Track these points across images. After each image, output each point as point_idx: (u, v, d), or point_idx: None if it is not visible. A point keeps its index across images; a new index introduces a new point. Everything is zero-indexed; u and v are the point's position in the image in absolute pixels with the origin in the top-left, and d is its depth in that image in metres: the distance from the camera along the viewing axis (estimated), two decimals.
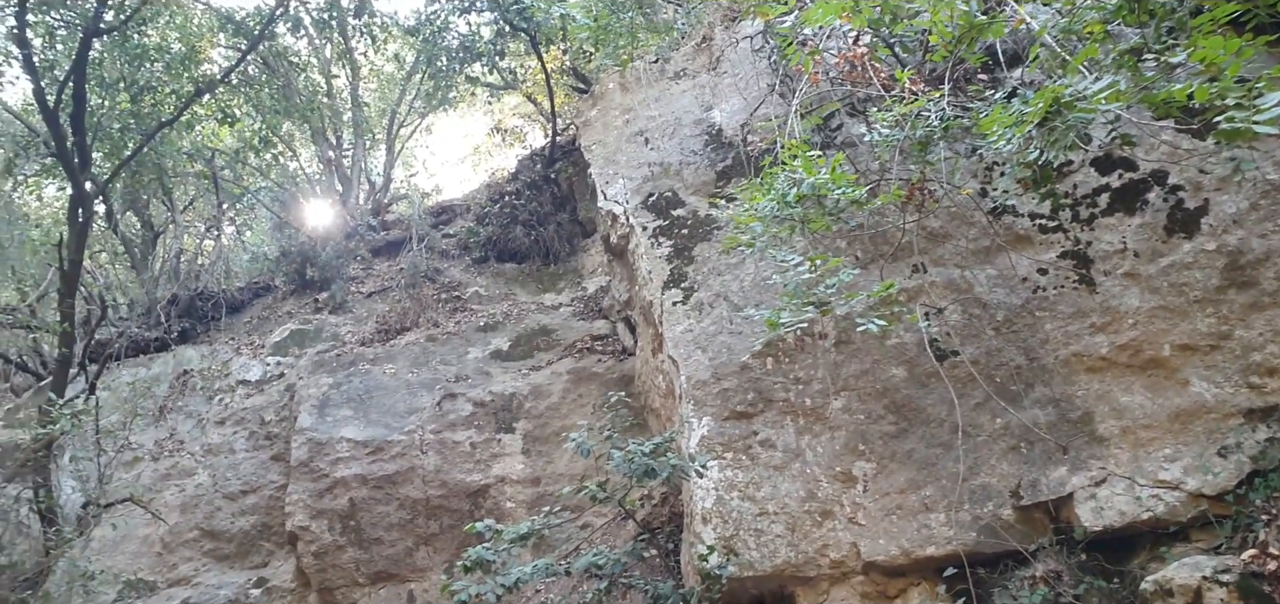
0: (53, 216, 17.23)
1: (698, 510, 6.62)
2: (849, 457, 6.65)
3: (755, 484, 6.67)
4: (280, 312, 14.14)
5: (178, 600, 9.74)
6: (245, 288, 14.86)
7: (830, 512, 6.50)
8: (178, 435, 11.31)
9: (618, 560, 6.11)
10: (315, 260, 14.53)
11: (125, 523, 10.01)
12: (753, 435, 6.88)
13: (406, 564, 9.49)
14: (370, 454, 9.96)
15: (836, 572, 6.38)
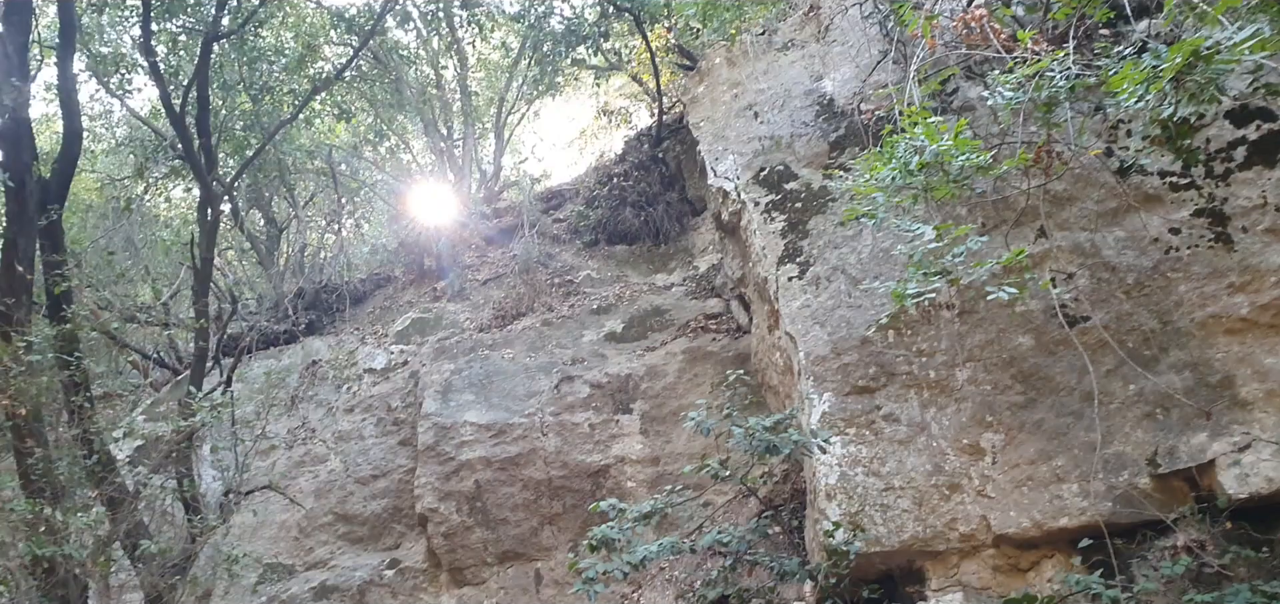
0: (182, 217, 18.19)
1: (821, 487, 6.67)
2: (976, 429, 6.60)
3: (880, 459, 6.69)
4: (401, 301, 14.65)
5: (315, 582, 10.26)
6: (366, 279, 15.45)
7: (958, 485, 6.47)
8: (309, 424, 11.87)
9: (742, 537, 6.21)
10: (432, 250, 15.00)
11: (264, 509, 10.59)
12: (876, 410, 6.89)
13: (532, 544, 9.79)
14: (493, 437, 10.27)
15: (966, 545, 6.36)
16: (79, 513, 8.28)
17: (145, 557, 8.43)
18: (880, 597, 6.25)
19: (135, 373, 14.78)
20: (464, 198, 17.29)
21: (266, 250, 16.66)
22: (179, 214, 18.13)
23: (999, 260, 5.50)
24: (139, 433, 10.75)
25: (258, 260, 16.92)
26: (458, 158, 18.34)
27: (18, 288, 8.92)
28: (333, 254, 16.58)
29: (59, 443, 9.01)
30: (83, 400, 9.16)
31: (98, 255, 14.06)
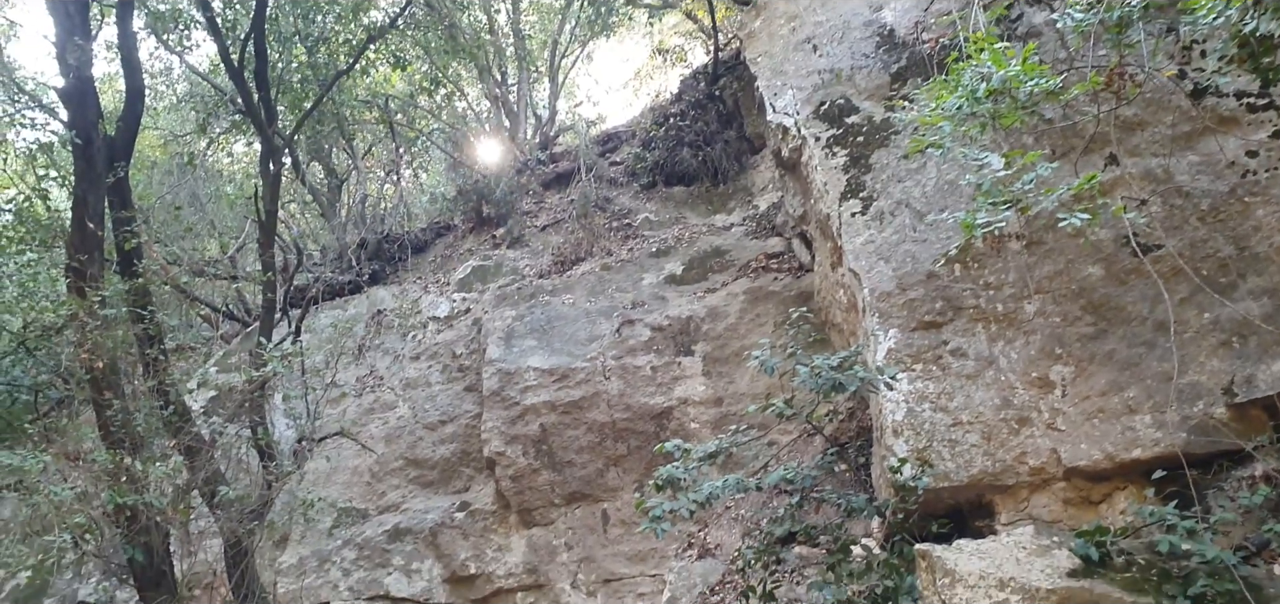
0: (244, 171, 18.54)
1: (888, 423, 6.68)
2: (1045, 361, 6.54)
3: (947, 394, 6.66)
4: (461, 249, 14.84)
5: (389, 525, 10.55)
6: (427, 228, 15.66)
7: (1027, 419, 6.44)
8: (377, 372, 12.14)
9: (809, 474, 6.25)
10: (490, 197, 15.13)
11: (337, 455, 10.89)
12: (942, 345, 6.85)
13: (598, 485, 9.95)
14: (556, 382, 10.41)
15: (1036, 479, 6.33)
16: (158, 462, 8.60)
17: (224, 503, 8.73)
18: (949, 531, 6.25)
19: (205, 326, 15.19)
20: (520, 144, 17.38)
21: (328, 202, 16.94)
22: (241, 168, 18.48)
23: (1069, 188, 5.41)
24: (212, 384, 11.09)
25: (320, 212, 17.22)
26: (512, 103, 18.41)
27: (90, 244, 9.17)
28: (392, 204, 16.80)
29: (135, 395, 9.32)
30: (157, 353, 9.43)
31: (165, 211, 14.41)
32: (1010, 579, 4.85)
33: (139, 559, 8.25)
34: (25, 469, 8.14)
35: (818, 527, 6.79)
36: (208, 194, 16.40)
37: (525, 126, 18.16)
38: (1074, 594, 4.65)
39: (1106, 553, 4.85)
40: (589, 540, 9.84)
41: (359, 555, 10.51)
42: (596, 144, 16.20)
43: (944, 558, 5.11)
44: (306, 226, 18.19)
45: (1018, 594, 4.80)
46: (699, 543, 9.02)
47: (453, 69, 18.40)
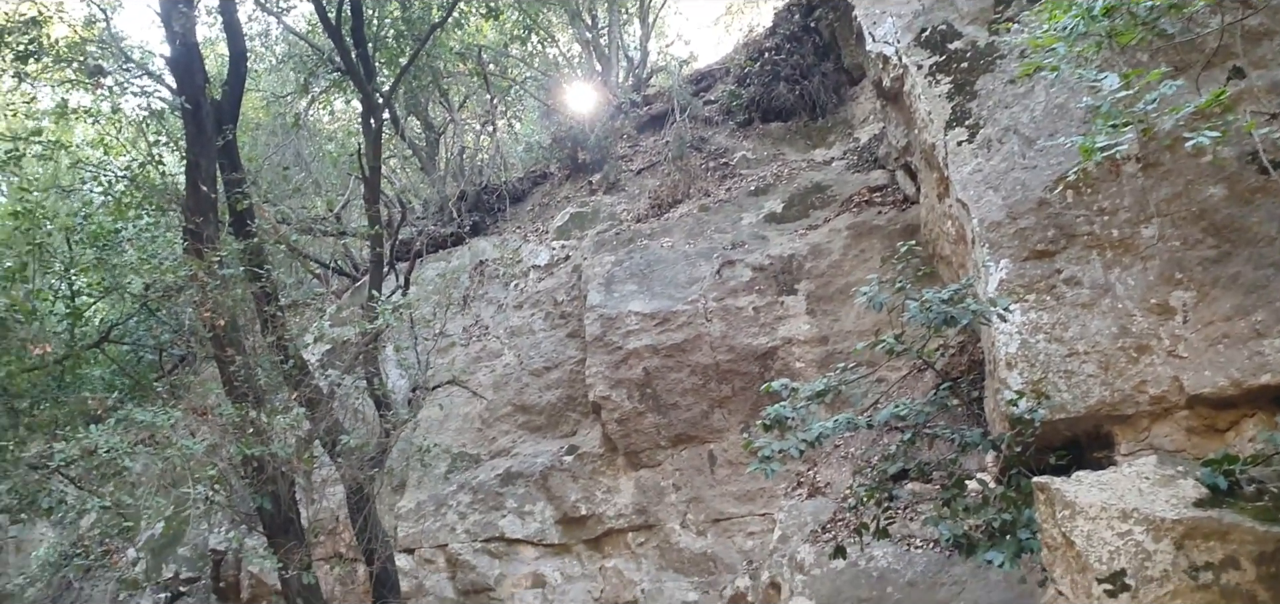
0: (344, 129, 19.02)
1: (1001, 356, 6.61)
2: (1164, 287, 6.38)
3: (1062, 324, 6.56)
4: (558, 197, 15.02)
5: (501, 469, 10.89)
6: (523, 177, 15.88)
7: (1146, 347, 6.31)
8: (482, 321, 12.46)
9: (922, 410, 6.23)
10: (585, 143, 15.24)
11: (448, 403, 11.26)
12: (1056, 274, 6.74)
13: (704, 426, 10.08)
14: (657, 325, 10.53)
15: (1157, 408, 6.22)
16: (280, 414, 9.01)
17: (344, 452, 9.12)
18: (1067, 463, 6.19)
19: (315, 282, 15.73)
20: (612, 88, 17.43)
21: (427, 156, 17.29)
22: (341, 126, 18.96)
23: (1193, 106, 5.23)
24: (327, 337, 11.51)
25: (420, 167, 17.59)
26: (603, 47, 18.43)
27: (204, 206, 9.58)
28: (489, 155, 17.06)
29: (256, 350, 9.76)
30: (274, 309, 9.85)
31: (272, 172, 14.91)
32: (1133, 510, 4.80)
33: (267, 507, 8.70)
34: (157, 425, 8.63)
35: (930, 463, 6.77)
36: (311, 153, 16.90)
37: (617, 70, 18.18)
38: (1201, 524, 4.58)
39: (1235, 482, 4.76)
40: (697, 481, 10.00)
41: (474, 499, 10.89)
42: (689, 84, 16.13)
43: (1063, 490, 5.08)
44: (407, 181, 18.61)
45: (1142, 525, 4.75)
46: (809, 482, 9.09)
47: (543, 16, 18.51)
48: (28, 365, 11.01)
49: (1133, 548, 4.73)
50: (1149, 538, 4.72)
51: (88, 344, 12.36)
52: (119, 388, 12.16)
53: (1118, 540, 4.77)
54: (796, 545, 8.30)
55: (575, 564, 10.51)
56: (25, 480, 9.55)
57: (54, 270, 14.18)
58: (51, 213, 14.04)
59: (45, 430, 10.93)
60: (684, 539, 9.88)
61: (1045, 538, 5.22)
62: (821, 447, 7.00)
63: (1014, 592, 6.91)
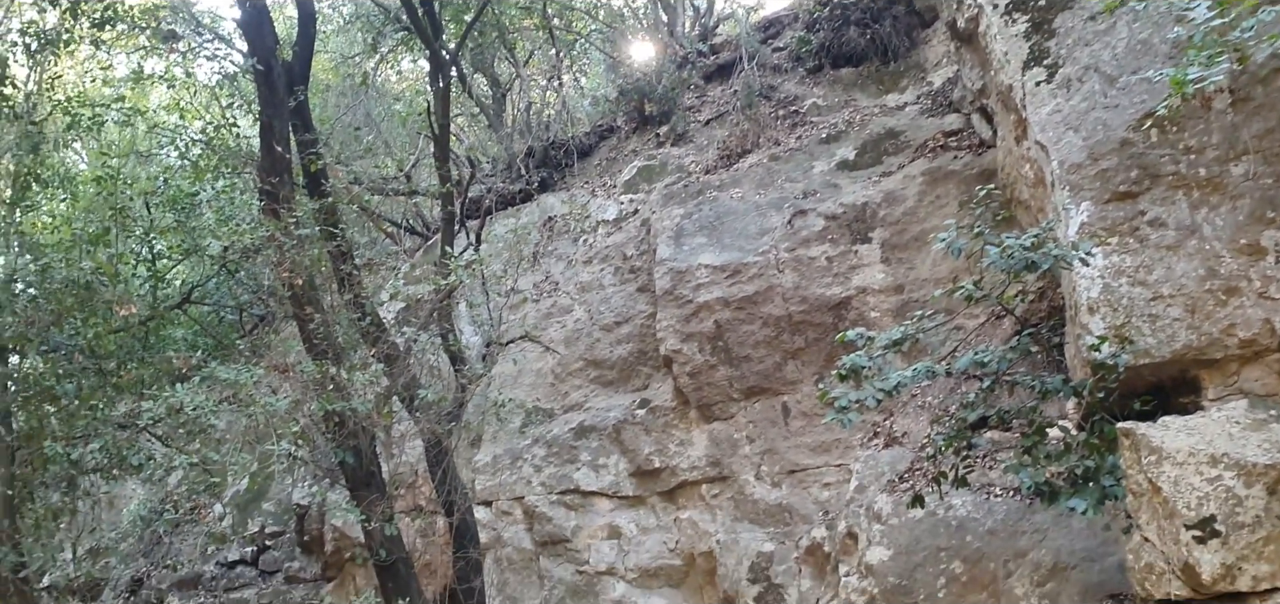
0: (411, 88, 19.26)
1: (1083, 301, 6.55)
2: (1255, 227, 6.26)
3: (1146, 267, 6.48)
4: (625, 150, 15.08)
5: (574, 423, 11.10)
6: (590, 132, 15.96)
7: (1236, 289, 6.20)
8: (552, 277, 12.62)
9: (1002, 357, 6.22)
10: (651, 95, 15.25)
11: (522, 358, 11.47)
12: (1139, 216, 6.64)
13: (777, 378, 10.13)
14: (728, 278, 10.58)
15: (1247, 351, 6.13)
16: (359, 371, 9.28)
17: (422, 407, 9.36)
18: (1152, 409, 6.14)
19: (387, 241, 16.04)
20: (678, 38, 17.37)
21: (494, 113, 17.44)
22: (409, 86, 19.20)
23: None
24: (401, 296, 11.78)
25: (487, 124, 17.76)
26: None
27: (279, 167, 9.82)
28: (556, 110, 17.16)
29: (334, 308, 10.03)
30: (350, 268, 10.09)
31: (343, 132, 15.19)
32: (1222, 454, 4.77)
33: (349, 461, 8.99)
34: (240, 383, 8.95)
35: (1010, 411, 6.75)
36: (380, 113, 17.16)
37: (683, 19, 18.09)
38: None
39: None
40: (771, 433, 10.07)
41: (548, 452, 11.12)
42: (757, 31, 16.01)
43: (1149, 435, 5.06)
44: (475, 139, 18.80)
45: (1232, 470, 4.72)
46: (885, 432, 9.12)
47: None
48: (114, 327, 11.46)
49: (1223, 493, 4.71)
50: (1240, 483, 4.69)
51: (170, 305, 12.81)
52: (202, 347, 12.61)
53: (1207, 486, 4.75)
54: (873, 495, 8.35)
55: (650, 516, 10.68)
56: (115, 439, 9.98)
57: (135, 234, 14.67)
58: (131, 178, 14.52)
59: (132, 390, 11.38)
60: (758, 491, 9.98)
61: (1130, 484, 5.21)
62: (898, 396, 7.02)
63: (1097, 539, 6.90)
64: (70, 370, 10.49)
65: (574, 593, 10.69)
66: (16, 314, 10.27)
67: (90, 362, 10.91)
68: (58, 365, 10.57)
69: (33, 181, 12.65)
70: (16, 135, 12.60)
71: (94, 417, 10.04)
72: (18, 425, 10.24)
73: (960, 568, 7.47)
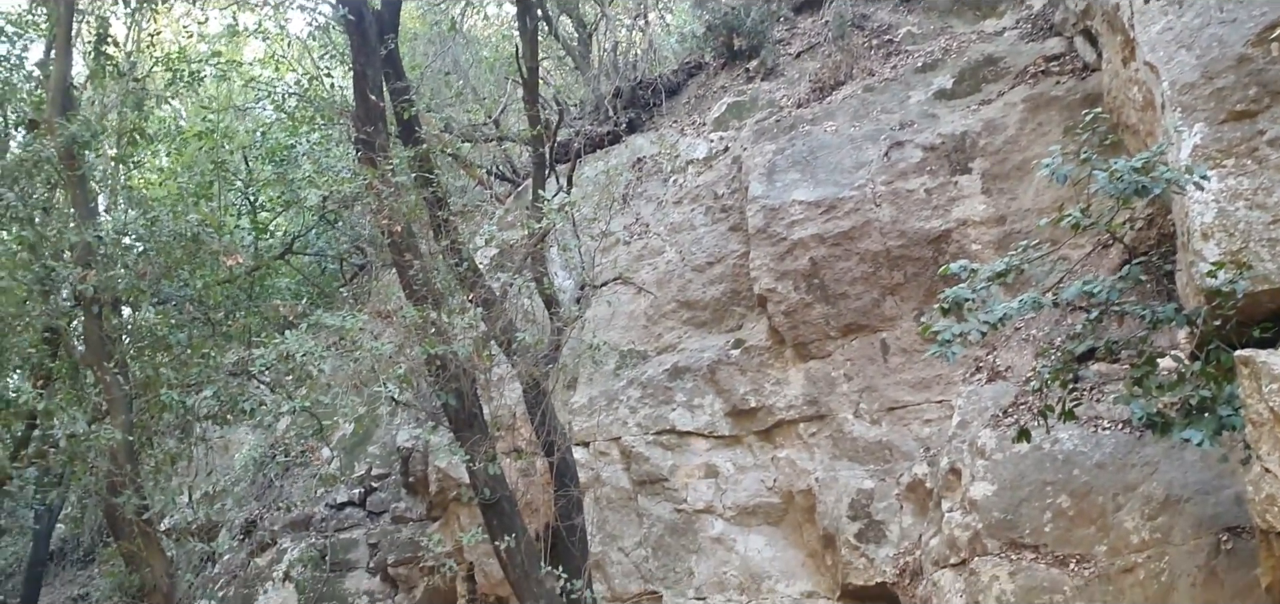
0: (497, 34, 19.48)
1: (1196, 226, 6.41)
2: None
3: (1264, 190, 6.31)
4: (714, 87, 15.02)
5: (668, 365, 11.25)
6: (678, 70, 15.93)
7: None
8: (642, 219, 12.72)
9: (1111, 286, 6.13)
10: (739, 29, 15.14)
11: (615, 301, 11.64)
12: (1257, 136, 6.45)
13: (874, 315, 10.11)
14: (823, 213, 10.55)
15: None
16: (458, 316, 9.54)
17: (520, 350, 9.59)
18: (1271, 336, 6.01)
19: (478, 188, 16.32)
20: None
21: (580, 55, 17.53)
22: (495, 31, 19.40)
23: None
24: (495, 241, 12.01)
25: (574, 66, 17.86)
26: None
27: (373, 116, 10.05)
28: (642, 49, 17.16)
29: (431, 254, 10.31)
30: (445, 215, 10.34)
31: (433, 79, 15.46)
32: None
33: (452, 404, 9.28)
34: (345, 329, 9.30)
35: (1118, 341, 6.68)
36: (467, 60, 17.39)
37: None
38: None
39: None
40: (869, 370, 10.07)
41: (643, 394, 11.30)
42: None
43: (1270, 363, 4.97)
44: (562, 82, 18.93)
45: None
46: (988, 367, 9.05)
47: None
48: (220, 278, 11.95)
49: None
50: None
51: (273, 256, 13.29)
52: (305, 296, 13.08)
53: None
54: (976, 431, 8.32)
55: (747, 455, 10.81)
56: (227, 386, 10.46)
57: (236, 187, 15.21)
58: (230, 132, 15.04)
59: (240, 339, 11.90)
60: (857, 428, 10.01)
61: (1249, 414, 5.14)
62: (1002, 330, 7.00)
63: (1212, 471, 6.80)
64: (181, 321, 10.99)
65: (672, 530, 10.91)
66: (128, 267, 10.76)
67: (199, 312, 11.42)
68: (169, 316, 11.08)
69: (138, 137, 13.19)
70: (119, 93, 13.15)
71: (206, 365, 10.53)
72: (134, 374, 10.76)
73: (1067, 502, 7.44)
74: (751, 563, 10.52)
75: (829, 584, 10.10)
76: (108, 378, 10.11)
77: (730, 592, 10.53)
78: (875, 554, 9.53)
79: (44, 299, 10.91)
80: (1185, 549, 6.79)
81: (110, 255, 10.57)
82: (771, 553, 10.52)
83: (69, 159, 10.77)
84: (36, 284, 10.70)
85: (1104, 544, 7.20)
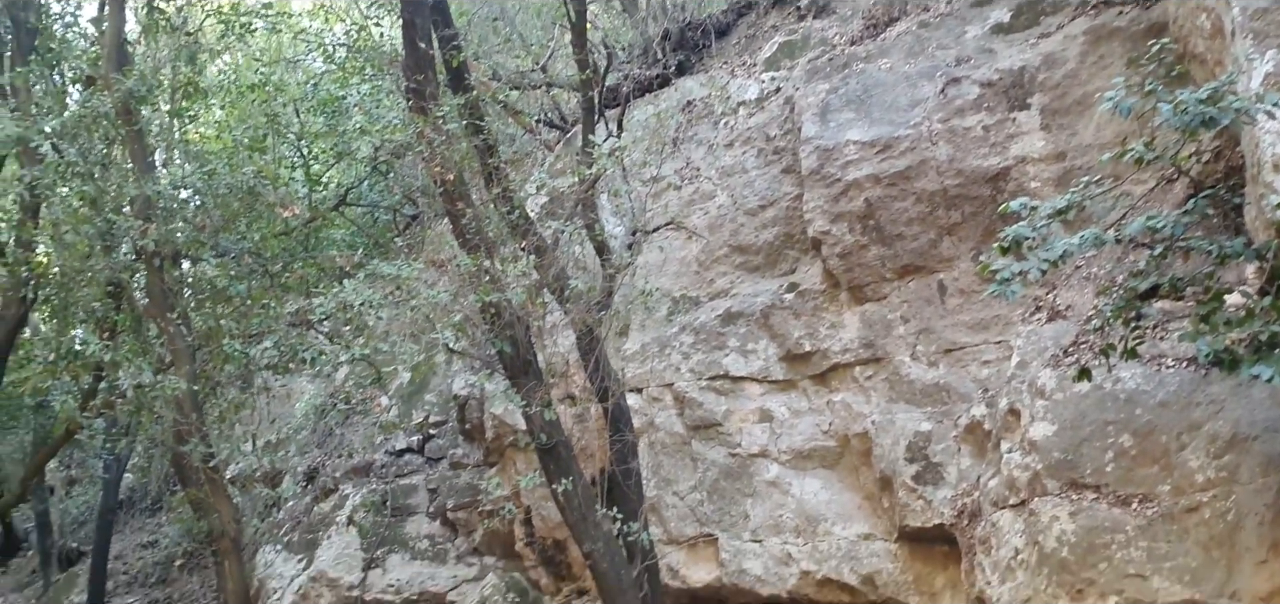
0: None
1: (1267, 158, 6.26)
2: None
3: None
4: (764, 26, 14.85)
5: (721, 310, 11.26)
6: (727, 10, 15.75)
7: None
8: (693, 163, 12.67)
9: (1177, 221, 6.02)
10: None
11: (667, 247, 11.64)
12: None
13: (931, 256, 10.02)
14: (878, 153, 10.43)
15: None
16: (510, 264, 9.62)
17: (573, 297, 9.66)
18: None
19: (527, 136, 16.35)
20: None
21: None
22: None
23: None
24: (546, 189, 12.06)
25: (621, 8, 17.73)
26: None
27: (423, 64, 10.07)
28: None
29: (483, 203, 10.37)
30: (496, 163, 10.38)
31: (480, 26, 15.46)
32: None
33: (507, 351, 9.39)
34: (402, 277, 9.43)
35: (1183, 278, 6.57)
36: (514, 6, 17.35)
37: None
38: None
39: None
40: (926, 312, 10.00)
41: (696, 339, 11.34)
42: None
43: None
44: (609, 25, 18.80)
45: None
46: (1047, 306, 8.95)
47: None
48: (277, 230, 12.16)
49: None
50: None
51: (327, 208, 13.47)
52: (360, 247, 13.26)
53: None
54: (1036, 371, 8.25)
55: (801, 399, 10.81)
56: (287, 336, 10.68)
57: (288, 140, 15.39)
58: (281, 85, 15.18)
59: (298, 290, 12.11)
60: (914, 371, 9.97)
61: None
62: (1061, 269, 6.93)
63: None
64: (241, 272, 11.22)
65: (727, 475, 10.99)
66: (187, 221, 10.98)
67: (257, 264, 11.64)
68: (228, 268, 11.31)
69: (192, 91, 13.38)
70: (172, 47, 13.33)
71: (266, 316, 10.75)
72: (196, 326, 11.02)
73: (1129, 441, 7.37)
74: (807, 506, 10.56)
75: (886, 526, 10.12)
76: (171, 329, 10.38)
77: (786, 534, 10.60)
78: (933, 496, 9.52)
79: (106, 253, 11.18)
80: (1252, 488, 6.72)
81: (169, 209, 10.79)
82: (827, 496, 10.55)
83: (126, 114, 10.98)
84: (98, 238, 10.97)
85: (1167, 483, 7.14)
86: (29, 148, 11.93)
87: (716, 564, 11.04)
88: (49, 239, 12.29)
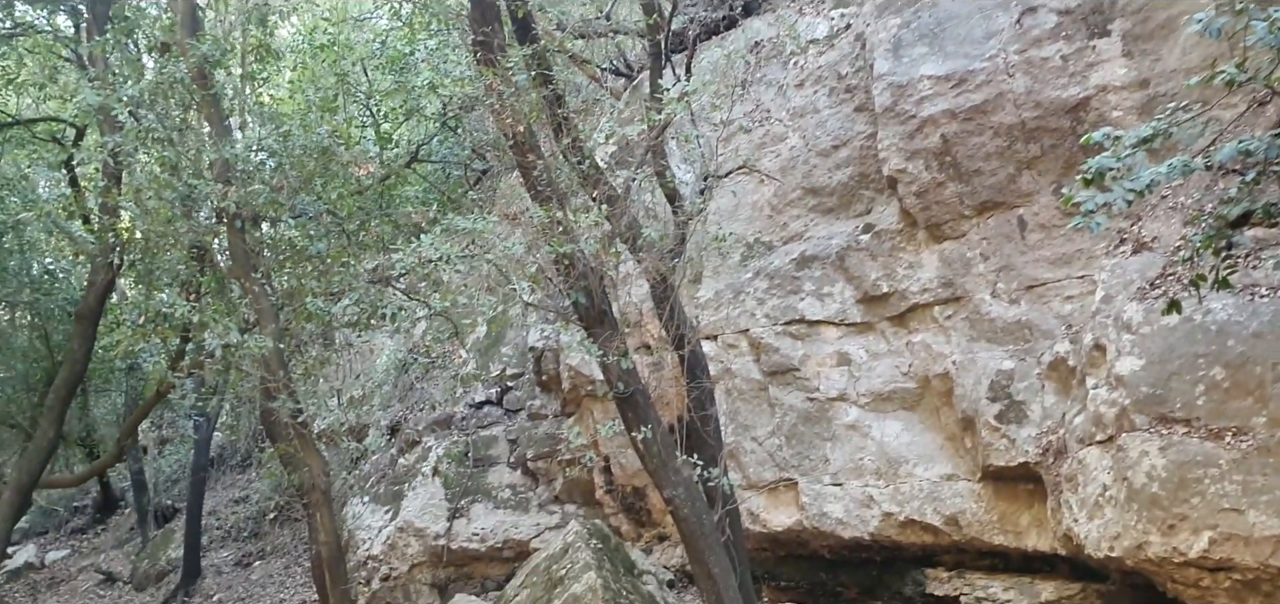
0: None
1: None
2: None
3: None
4: None
5: (795, 254, 11.23)
6: None
7: None
8: (763, 105, 12.58)
9: (1271, 143, 5.84)
10: None
11: (738, 191, 11.61)
12: None
13: (1010, 191, 9.86)
14: (953, 88, 10.26)
15: None
16: (582, 214, 9.67)
17: (645, 246, 9.69)
18: None
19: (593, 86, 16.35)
20: None
21: None
22: None
23: None
24: (615, 137, 12.08)
25: None
26: None
27: (489, 16, 10.08)
28: None
29: (553, 154, 10.42)
30: (565, 113, 10.40)
31: None
32: None
33: (582, 302, 9.47)
34: (478, 231, 9.55)
35: (1277, 204, 6.39)
36: None
37: None
38: None
39: None
40: (1006, 249, 9.86)
41: (770, 285, 11.33)
42: None
43: None
44: None
45: None
46: (1132, 238, 8.78)
47: None
48: (352, 189, 12.37)
49: None
50: None
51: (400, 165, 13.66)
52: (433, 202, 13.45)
53: None
54: (1122, 305, 8.12)
55: (880, 342, 10.77)
56: (366, 293, 10.90)
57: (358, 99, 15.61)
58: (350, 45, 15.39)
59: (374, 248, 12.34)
60: (995, 309, 9.85)
61: None
62: (1147, 199, 6.78)
63: None
64: (319, 232, 11.46)
65: (806, 419, 11.01)
66: (264, 183, 11.23)
67: (334, 222, 11.88)
68: (307, 228, 11.56)
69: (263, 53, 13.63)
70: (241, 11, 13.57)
71: (346, 274, 10.98)
72: (278, 285, 11.30)
73: (1221, 374, 7.24)
74: (888, 448, 10.55)
75: (969, 466, 10.07)
76: (254, 289, 10.67)
77: (867, 477, 10.61)
78: (1017, 435, 9.44)
79: (187, 217, 11.50)
80: None
81: (247, 171, 11.04)
82: (908, 438, 10.53)
83: (201, 79, 11.23)
84: (180, 203, 11.27)
85: (1263, 416, 7.00)
86: (109, 116, 12.32)
87: (797, 508, 11.10)
88: (133, 205, 12.67)
